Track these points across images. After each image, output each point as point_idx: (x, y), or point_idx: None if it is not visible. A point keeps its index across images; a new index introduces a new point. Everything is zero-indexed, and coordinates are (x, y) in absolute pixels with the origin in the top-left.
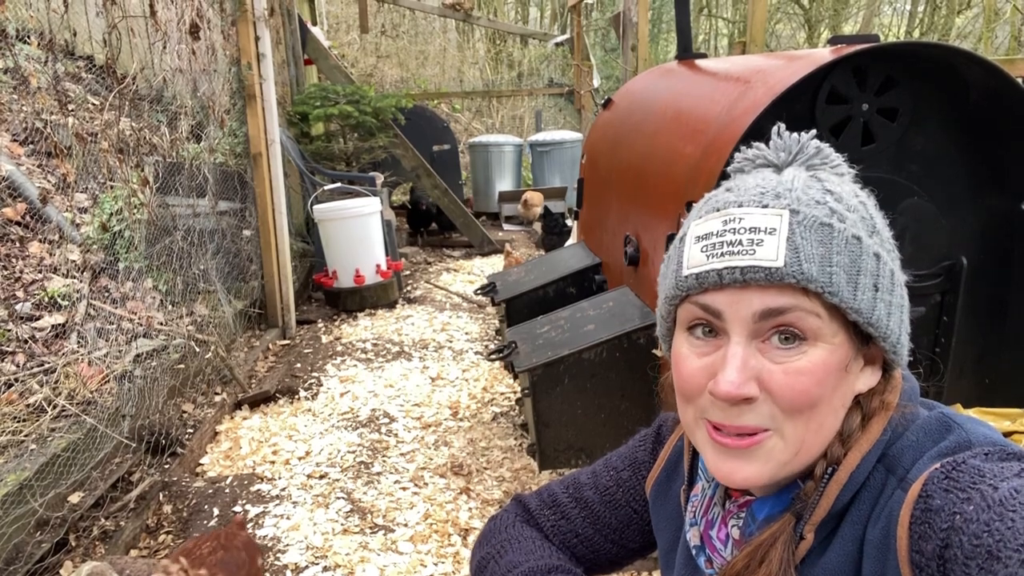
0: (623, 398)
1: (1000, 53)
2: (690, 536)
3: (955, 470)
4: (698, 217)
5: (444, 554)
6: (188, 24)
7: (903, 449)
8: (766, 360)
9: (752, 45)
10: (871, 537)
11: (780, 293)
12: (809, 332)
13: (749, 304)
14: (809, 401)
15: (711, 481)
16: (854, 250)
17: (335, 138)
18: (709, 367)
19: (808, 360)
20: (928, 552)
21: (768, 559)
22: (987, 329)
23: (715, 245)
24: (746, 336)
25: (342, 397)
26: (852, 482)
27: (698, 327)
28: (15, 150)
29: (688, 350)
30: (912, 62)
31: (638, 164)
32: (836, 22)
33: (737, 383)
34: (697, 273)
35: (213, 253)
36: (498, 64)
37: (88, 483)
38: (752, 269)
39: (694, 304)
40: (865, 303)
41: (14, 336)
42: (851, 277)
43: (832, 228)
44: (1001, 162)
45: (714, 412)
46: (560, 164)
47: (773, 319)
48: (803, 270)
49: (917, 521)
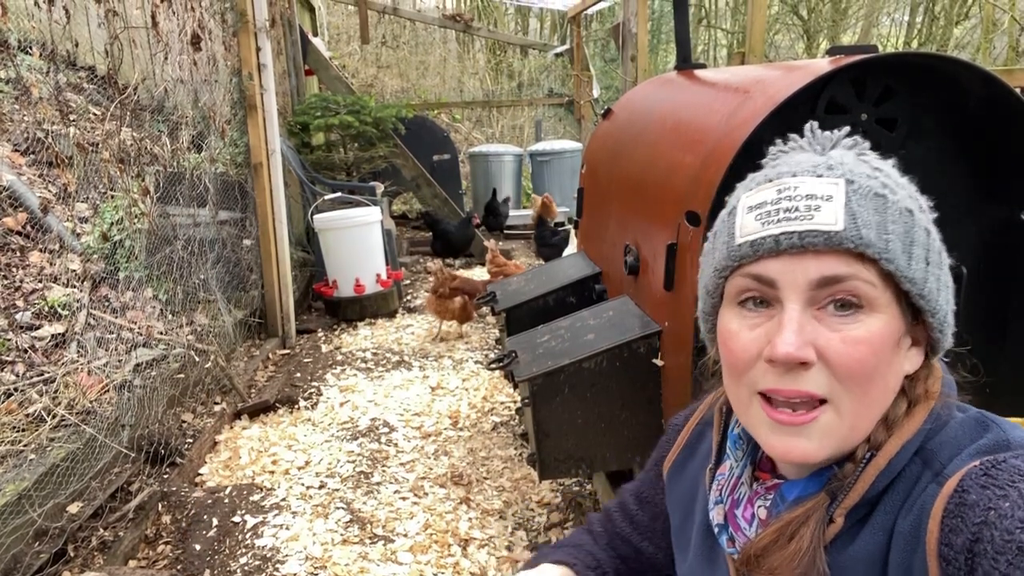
0: (623, 408)
1: (998, 63)
2: (714, 514)
3: (994, 468)
4: (747, 190)
5: (444, 564)
6: (189, 35)
7: (941, 444)
8: (823, 328)
9: (751, 55)
10: (901, 528)
11: (837, 260)
12: (866, 301)
13: (805, 271)
14: (866, 371)
15: (740, 461)
16: (907, 221)
17: (336, 148)
18: (762, 337)
19: (866, 329)
20: (958, 545)
21: (799, 535)
22: (987, 338)
23: (770, 212)
24: (802, 303)
25: (342, 407)
26: (890, 469)
27: (748, 300)
28: (16, 160)
29: (739, 324)
30: (911, 72)
31: (638, 174)
32: (835, 33)
33: (796, 344)
34: (752, 240)
35: (213, 262)
36: (498, 74)
37: (87, 493)
38: (811, 233)
39: (745, 276)
40: (919, 274)
41: (14, 345)
42: (905, 247)
43: (886, 199)
44: (1000, 171)
45: (769, 379)
46: (560, 174)
47: (830, 287)
48: (862, 235)
49: (950, 515)
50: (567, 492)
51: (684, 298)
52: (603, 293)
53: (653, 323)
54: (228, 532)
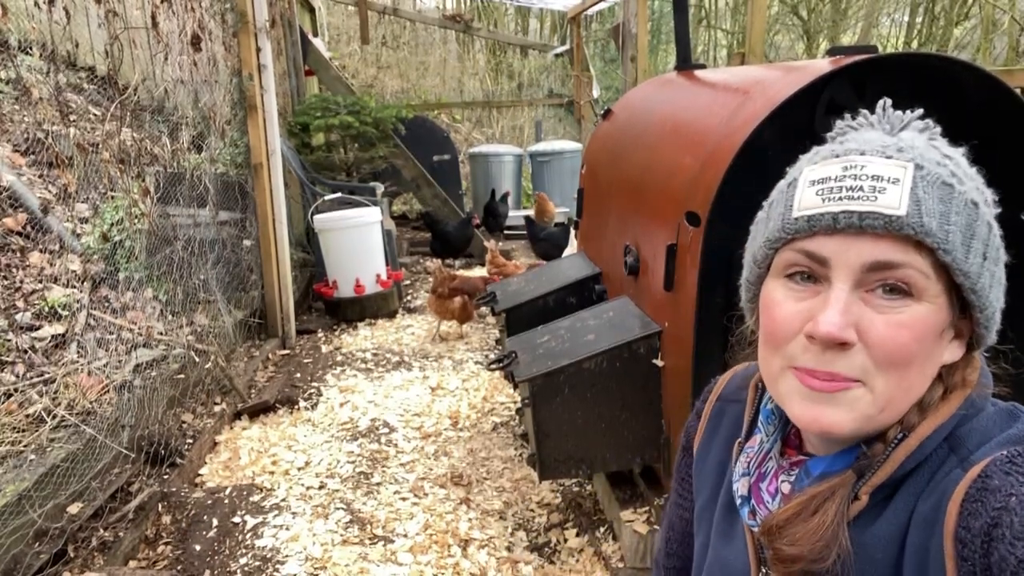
0: (623, 408)
1: (998, 64)
2: (738, 486)
3: (1020, 456)
4: (811, 163)
5: (444, 564)
6: (190, 35)
7: (971, 431)
8: (868, 309)
9: (751, 56)
10: (921, 510)
11: (893, 246)
12: (915, 289)
13: (859, 253)
14: (906, 356)
15: (771, 436)
16: (971, 214)
17: (336, 148)
18: (806, 312)
19: (911, 315)
20: (976, 529)
21: (823, 509)
22: None
23: (833, 189)
24: (851, 284)
25: (342, 407)
26: (920, 451)
27: (796, 274)
28: (17, 160)
29: (784, 295)
30: (910, 73)
31: (637, 174)
32: (834, 33)
33: (840, 324)
34: (810, 215)
35: (213, 263)
36: (498, 75)
37: (87, 493)
38: (872, 215)
39: (797, 251)
40: (974, 268)
41: (14, 346)
42: (966, 239)
43: (953, 188)
44: (1000, 172)
45: (805, 357)
46: (560, 174)
47: (882, 272)
48: (923, 223)
49: (971, 499)
50: (567, 493)
51: (684, 299)
52: (603, 293)
53: (653, 324)
54: (228, 532)
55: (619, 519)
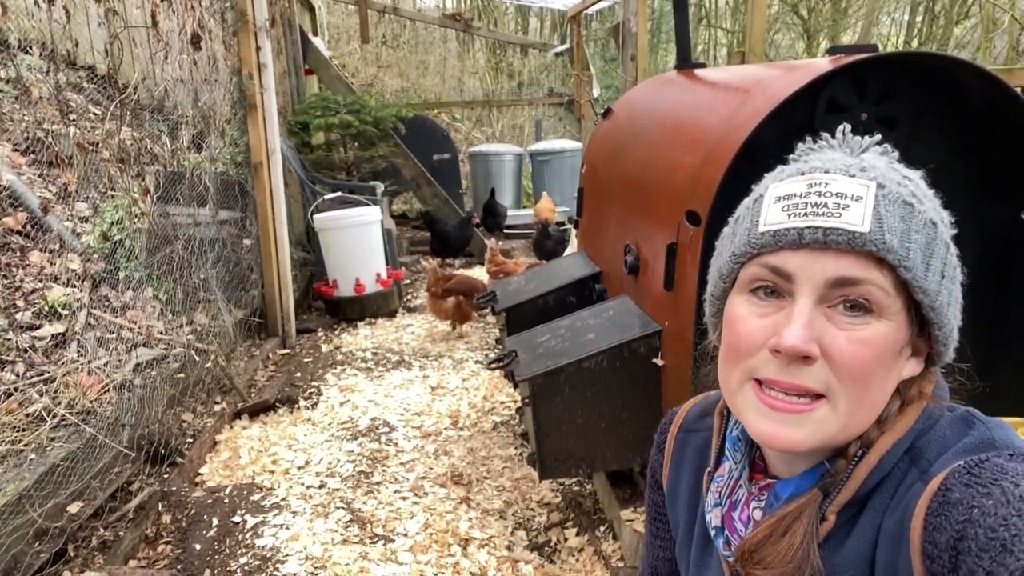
0: (623, 407)
1: (998, 63)
2: (711, 517)
3: (978, 466)
4: (777, 180)
5: (444, 564)
6: (189, 34)
7: (929, 443)
8: (830, 325)
9: (751, 55)
10: (887, 526)
11: (856, 263)
12: (876, 306)
13: (823, 269)
14: (866, 373)
15: (739, 463)
16: (930, 233)
17: (336, 147)
18: (770, 326)
19: (872, 332)
20: (942, 543)
21: (792, 531)
22: (987, 338)
23: (798, 205)
24: (815, 299)
25: (342, 406)
26: (881, 467)
27: (760, 288)
28: (17, 160)
29: (748, 310)
30: (911, 72)
31: (638, 173)
32: (835, 32)
33: (804, 338)
34: (776, 230)
35: (213, 262)
36: (498, 74)
37: (87, 493)
38: (836, 231)
39: (762, 265)
40: (933, 285)
41: (14, 345)
42: (925, 257)
43: (913, 208)
44: (1000, 171)
45: (768, 369)
46: (560, 173)
47: (844, 288)
48: (885, 240)
49: (934, 513)
50: (567, 492)
51: (684, 298)
52: (603, 293)
53: (653, 323)
54: (228, 532)
55: (619, 518)
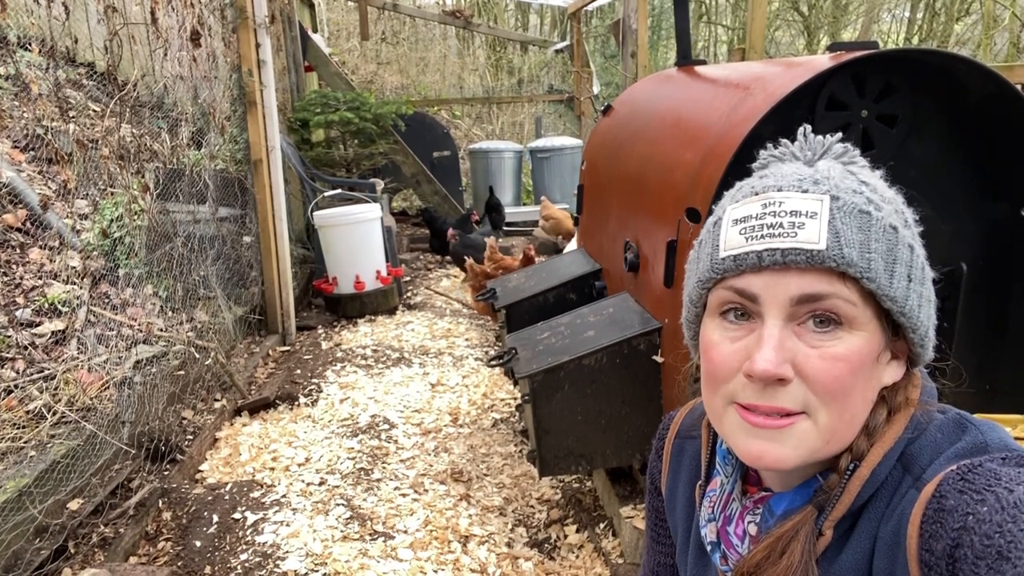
0: (624, 404)
1: (999, 60)
2: (706, 532)
3: (971, 472)
4: (734, 201)
5: (444, 561)
6: (189, 31)
7: (921, 448)
8: (802, 344)
9: (751, 52)
10: (883, 534)
11: (818, 278)
12: (845, 318)
13: (787, 288)
14: (843, 388)
15: (730, 476)
16: (891, 239)
17: (335, 144)
18: (742, 351)
19: (844, 346)
20: (938, 551)
21: (789, 551)
22: (987, 335)
23: (754, 228)
24: (783, 318)
25: (342, 403)
26: (873, 479)
27: (730, 311)
28: (16, 156)
29: (720, 336)
30: (911, 69)
31: (638, 170)
32: (835, 29)
33: (775, 362)
34: (735, 255)
35: (213, 259)
36: (498, 71)
37: (87, 490)
38: (794, 251)
39: (728, 289)
40: (900, 291)
41: (14, 342)
42: (888, 265)
43: (871, 216)
44: (1001, 168)
45: (746, 393)
46: (560, 170)
47: (810, 304)
48: (844, 254)
49: (929, 520)
50: (567, 489)
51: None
52: (603, 290)
53: (653, 320)
54: (228, 529)
55: (619, 515)
